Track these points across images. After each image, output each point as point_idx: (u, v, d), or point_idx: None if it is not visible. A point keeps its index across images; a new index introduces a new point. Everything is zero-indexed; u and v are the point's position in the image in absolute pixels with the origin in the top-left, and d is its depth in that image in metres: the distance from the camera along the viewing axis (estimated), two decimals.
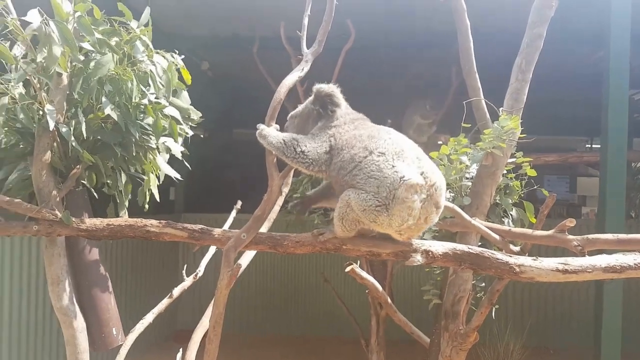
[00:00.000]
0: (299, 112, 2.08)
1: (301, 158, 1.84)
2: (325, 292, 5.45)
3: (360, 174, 1.75)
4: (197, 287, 2.62)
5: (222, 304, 1.89)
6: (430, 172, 1.77)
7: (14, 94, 1.95)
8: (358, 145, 1.79)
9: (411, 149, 1.80)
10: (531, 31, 2.51)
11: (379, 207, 1.69)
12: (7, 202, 1.96)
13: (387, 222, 1.70)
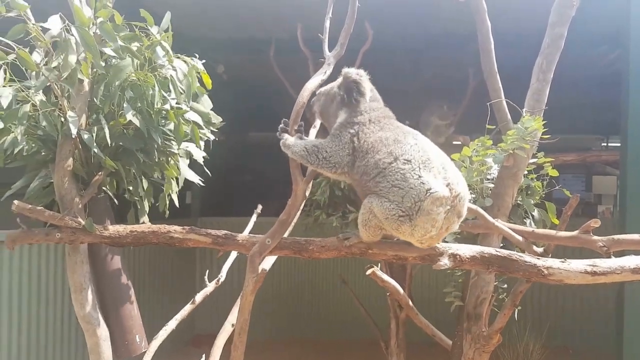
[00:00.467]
0: (325, 91, 2.03)
1: (324, 163, 1.81)
2: (343, 294, 5.42)
3: (383, 182, 1.72)
4: (215, 291, 2.61)
5: (247, 310, 1.88)
6: (455, 183, 1.74)
7: (35, 101, 1.95)
8: (383, 150, 1.75)
9: (437, 156, 1.77)
10: (552, 31, 2.48)
11: (402, 217, 1.67)
12: (30, 210, 1.97)
13: (409, 231, 1.69)
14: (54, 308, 4.29)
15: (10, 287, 3.85)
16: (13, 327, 3.92)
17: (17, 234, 2.03)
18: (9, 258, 3.86)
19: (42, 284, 4.22)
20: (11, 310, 3.90)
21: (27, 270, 4.03)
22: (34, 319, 4.11)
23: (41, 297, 4.19)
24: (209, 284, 2.55)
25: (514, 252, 1.69)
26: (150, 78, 2.00)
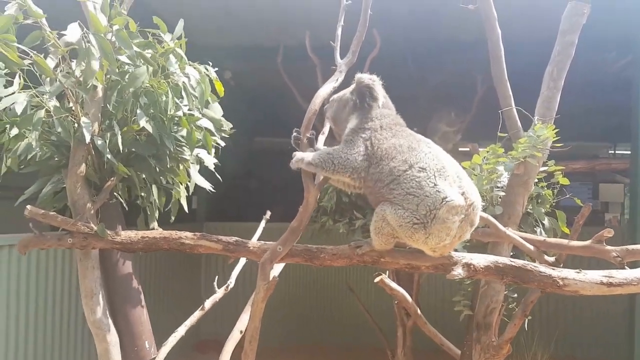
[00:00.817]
0: (338, 97, 2.02)
1: (340, 168, 1.80)
2: (350, 300, 5.40)
3: (397, 189, 1.71)
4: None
5: (257, 317, 1.88)
6: (469, 192, 1.74)
7: (49, 107, 1.96)
8: (398, 157, 1.75)
9: (451, 165, 1.77)
10: (562, 39, 2.48)
11: (417, 224, 1.66)
12: (43, 215, 1.97)
13: (423, 239, 1.68)
14: (67, 313, 4.30)
15: (20, 291, 3.85)
16: (23, 331, 3.92)
17: (30, 238, 2.03)
18: (20, 262, 3.87)
19: (54, 288, 4.23)
20: (21, 314, 3.90)
21: (35, 275, 4.04)
22: (45, 323, 4.12)
23: (54, 301, 4.20)
24: (218, 290, 2.55)
25: (528, 263, 1.68)
26: (163, 85, 2.01)
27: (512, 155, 2.33)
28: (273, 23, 4.03)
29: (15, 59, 1.70)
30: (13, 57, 1.69)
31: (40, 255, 4.06)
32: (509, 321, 2.84)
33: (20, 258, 3.80)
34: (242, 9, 3.83)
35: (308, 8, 3.72)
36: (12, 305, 3.78)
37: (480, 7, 2.41)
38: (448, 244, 1.69)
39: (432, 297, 5.80)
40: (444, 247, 1.71)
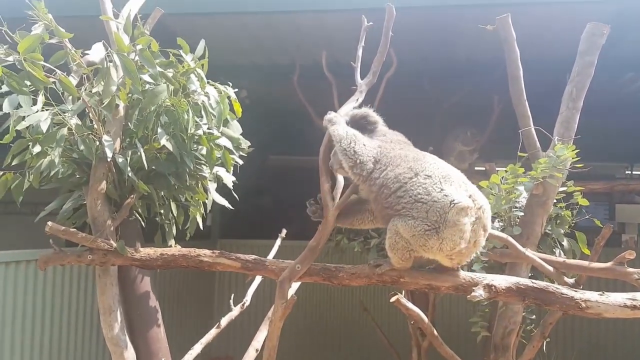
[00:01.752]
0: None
1: (351, 155, 1.81)
2: (363, 319, 5.35)
3: (405, 197, 1.71)
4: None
5: (275, 336, 1.87)
6: (476, 195, 1.75)
7: (70, 125, 2.00)
8: (403, 165, 1.77)
9: (456, 173, 1.79)
10: (582, 59, 2.47)
11: (429, 231, 1.66)
12: (63, 232, 1.99)
13: (437, 246, 1.66)
14: (85, 329, 4.33)
15: (39, 306, 3.88)
16: (39, 345, 3.94)
17: (50, 254, 2.06)
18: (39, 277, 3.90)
19: (72, 304, 4.26)
20: (39, 329, 3.93)
21: (54, 290, 4.07)
22: (62, 339, 4.14)
23: (72, 317, 4.23)
24: (234, 308, 2.54)
25: (550, 284, 1.65)
26: (183, 104, 2.04)
27: (531, 175, 2.31)
28: (289, 42, 4.07)
29: (42, 78, 1.74)
30: (40, 75, 1.73)
31: (58, 271, 4.09)
32: (526, 343, 2.80)
33: (39, 273, 3.84)
34: (259, 27, 3.88)
35: (324, 27, 3.76)
36: (31, 320, 3.81)
37: (498, 28, 2.42)
38: (464, 250, 1.68)
39: (447, 318, 5.73)
40: (461, 254, 1.69)
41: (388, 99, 3.87)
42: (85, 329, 4.38)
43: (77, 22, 2.56)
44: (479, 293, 1.62)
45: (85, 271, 4.35)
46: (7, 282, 3.59)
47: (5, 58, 1.71)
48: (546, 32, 3.51)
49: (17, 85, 1.74)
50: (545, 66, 3.63)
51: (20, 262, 3.70)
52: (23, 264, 3.72)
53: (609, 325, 5.86)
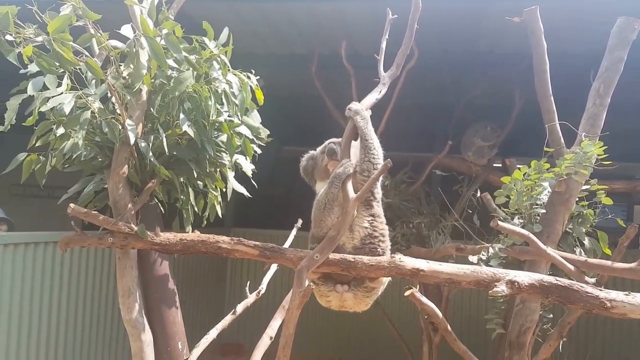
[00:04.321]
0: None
1: (375, 156, 1.93)
2: (373, 312, 5.34)
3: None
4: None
5: (292, 324, 1.87)
6: None
7: (94, 109, 2.00)
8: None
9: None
10: (611, 55, 2.42)
11: None
12: (85, 214, 2.01)
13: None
14: (104, 310, 4.41)
15: (55, 286, 3.94)
16: (54, 325, 4.00)
17: (71, 236, 2.07)
18: (61, 258, 3.96)
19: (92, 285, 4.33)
20: (61, 310, 3.99)
21: (75, 271, 4.13)
22: (84, 320, 4.22)
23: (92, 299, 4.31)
24: (250, 295, 2.55)
25: (574, 282, 1.63)
26: (205, 90, 2.03)
27: (555, 171, 2.28)
28: (308, 32, 4.04)
29: (71, 58, 1.74)
30: (68, 56, 1.73)
31: (76, 253, 4.15)
32: (542, 341, 2.77)
33: (58, 254, 3.90)
34: (278, 17, 3.86)
35: (344, 17, 3.72)
36: (48, 300, 3.86)
37: (525, 20, 2.38)
38: None
39: (459, 313, 5.70)
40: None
41: (407, 92, 3.84)
42: (104, 311, 4.45)
43: (99, 6, 2.56)
44: (502, 289, 1.60)
45: (102, 254, 4.41)
46: (26, 263, 3.64)
47: (35, 38, 1.71)
48: (575, 26, 3.43)
49: (46, 65, 1.74)
50: (571, 61, 3.56)
51: (39, 243, 3.76)
52: (42, 245, 3.78)
53: (622, 329, 5.80)
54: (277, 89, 5.11)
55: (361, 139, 1.95)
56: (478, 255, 2.81)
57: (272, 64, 4.65)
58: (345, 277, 1.99)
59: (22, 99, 1.87)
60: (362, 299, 2.01)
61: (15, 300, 3.54)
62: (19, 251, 3.57)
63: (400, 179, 4.40)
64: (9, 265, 3.49)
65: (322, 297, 2.04)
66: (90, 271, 4.29)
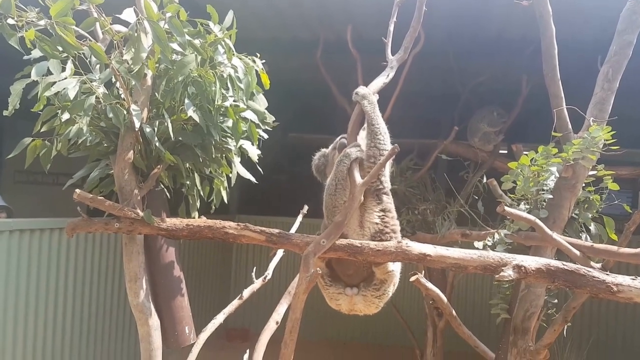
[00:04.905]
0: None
1: (382, 136, 1.91)
2: None
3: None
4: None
5: (299, 309, 1.88)
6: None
7: (98, 94, 1.99)
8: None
9: None
10: (620, 38, 2.39)
11: None
12: (91, 199, 2.01)
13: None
14: (111, 295, 4.44)
15: (60, 272, 3.97)
16: (60, 310, 4.03)
17: (78, 222, 2.07)
18: (67, 244, 3.99)
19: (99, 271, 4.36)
20: (68, 295, 4.02)
21: (80, 257, 4.15)
22: (90, 305, 4.26)
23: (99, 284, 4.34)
24: (256, 280, 2.56)
25: (581, 267, 1.62)
26: (210, 75, 2.02)
27: (563, 157, 2.26)
28: (313, 16, 4.00)
29: (74, 42, 1.72)
30: (71, 40, 1.71)
31: (85, 240, 4.18)
32: (547, 326, 2.78)
33: (63, 241, 3.92)
34: (282, 1, 3.82)
35: (349, 1, 3.68)
36: (54, 286, 3.90)
37: (534, 3, 2.35)
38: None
39: (463, 299, 5.73)
40: None
41: (414, 77, 3.81)
42: (110, 296, 4.49)
43: None
44: (508, 273, 1.60)
45: (108, 241, 4.44)
46: (32, 249, 3.67)
47: (37, 22, 1.69)
48: (583, 9, 3.38)
49: (49, 50, 1.73)
50: (579, 45, 3.52)
51: (45, 230, 3.78)
52: (47, 231, 3.80)
53: (626, 314, 5.82)
54: (281, 75, 5.08)
55: (368, 123, 1.93)
56: (483, 241, 2.81)
57: (277, 50, 4.62)
58: (353, 280, 1.99)
59: (25, 83, 1.86)
60: (372, 300, 2.00)
61: (21, 287, 3.58)
62: (24, 238, 3.59)
63: (406, 165, 4.39)
64: (15, 251, 3.52)
65: (332, 300, 2.03)
66: (96, 257, 4.32)
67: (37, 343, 3.75)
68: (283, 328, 2.01)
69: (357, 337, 6.27)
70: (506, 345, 2.80)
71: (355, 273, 1.99)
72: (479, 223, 3.21)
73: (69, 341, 4.05)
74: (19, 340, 3.58)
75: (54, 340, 3.91)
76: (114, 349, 4.58)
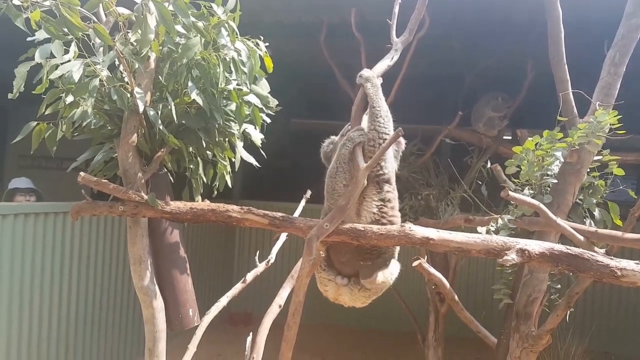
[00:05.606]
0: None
1: (383, 119, 1.89)
2: None
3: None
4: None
5: (302, 292, 1.89)
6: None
7: (102, 76, 1.98)
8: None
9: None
10: (628, 22, 2.36)
11: None
12: (95, 182, 2.01)
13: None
14: (116, 278, 4.48)
15: (67, 257, 3.99)
16: (66, 292, 4.07)
17: (82, 204, 2.08)
18: (72, 228, 4.01)
19: (104, 254, 4.38)
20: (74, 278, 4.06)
21: (85, 241, 4.18)
22: (95, 287, 4.29)
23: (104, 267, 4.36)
24: (260, 264, 2.57)
25: (585, 251, 1.62)
26: (214, 58, 2.01)
27: (568, 141, 2.25)
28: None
29: (79, 24, 1.71)
30: (76, 21, 1.70)
31: (90, 223, 4.20)
32: (549, 312, 2.79)
33: (68, 225, 3.94)
34: None
35: None
36: (59, 269, 3.93)
37: None
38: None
39: (465, 284, 5.75)
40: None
41: (418, 62, 3.78)
42: (114, 279, 4.53)
43: None
44: (512, 257, 1.60)
45: (112, 224, 4.46)
46: (37, 233, 3.69)
47: (43, 2, 1.68)
48: None
49: (54, 31, 1.72)
50: (586, 27, 3.47)
51: (49, 213, 3.80)
52: (52, 215, 3.82)
53: (629, 302, 5.83)
54: (284, 59, 5.04)
55: (370, 106, 1.91)
56: (487, 226, 2.81)
57: (280, 33, 4.58)
58: (346, 269, 1.99)
59: (30, 66, 1.85)
60: (358, 296, 2.01)
61: (26, 270, 3.61)
62: (29, 221, 3.61)
63: (409, 150, 4.38)
64: (20, 235, 3.54)
65: (321, 285, 2.03)
66: (100, 241, 4.35)
67: (43, 326, 3.79)
68: (285, 312, 2.02)
69: (358, 322, 6.31)
70: (508, 330, 2.81)
71: (348, 262, 1.98)
72: (482, 208, 3.21)
73: (73, 324, 4.09)
74: (24, 323, 3.62)
75: (59, 324, 3.95)
76: (118, 331, 4.63)
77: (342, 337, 6.20)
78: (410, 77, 3.82)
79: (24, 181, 4.28)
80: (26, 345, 3.62)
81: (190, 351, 2.32)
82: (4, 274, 3.42)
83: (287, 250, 4.05)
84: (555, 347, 4.65)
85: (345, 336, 6.23)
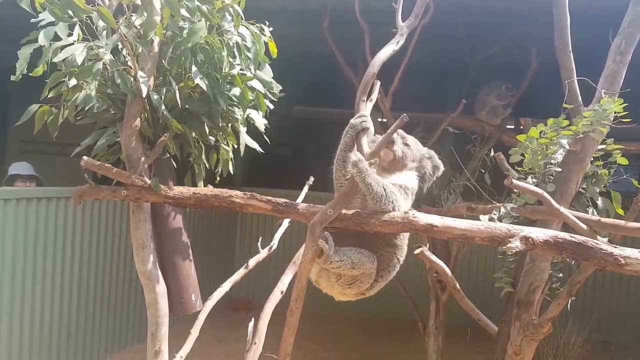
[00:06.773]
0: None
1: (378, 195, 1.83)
2: None
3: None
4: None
5: (305, 278, 1.89)
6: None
7: (105, 60, 1.97)
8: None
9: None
10: (634, 9, 2.34)
11: None
12: (98, 166, 2.01)
13: None
14: (118, 263, 4.49)
15: (68, 241, 4.01)
16: (68, 277, 4.09)
17: (85, 189, 2.08)
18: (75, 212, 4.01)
19: (106, 239, 4.39)
20: (76, 262, 4.07)
21: (89, 225, 4.19)
22: (97, 272, 4.30)
23: (107, 251, 4.37)
24: (262, 250, 2.58)
25: (589, 239, 1.62)
26: (218, 42, 1.99)
27: (573, 129, 2.24)
28: None
29: (83, 6, 1.70)
30: (81, 3, 1.69)
31: (92, 208, 4.20)
32: (551, 300, 2.80)
33: (70, 209, 3.95)
34: None
35: None
36: (61, 253, 3.94)
37: None
38: None
39: (466, 272, 5.77)
40: None
41: (422, 49, 3.75)
42: (116, 264, 4.55)
43: None
44: (516, 244, 1.60)
45: (114, 209, 4.46)
46: (39, 218, 3.70)
47: None
48: None
49: (59, 13, 1.70)
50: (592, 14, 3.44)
51: (52, 198, 3.80)
52: (54, 200, 3.82)
53: (630, 291, 5.85)
54: (287, 45, 5.01)
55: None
56: (489, 214, 2.81)
57: (283, 20, 4.54)
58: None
59: (33, 48, 1.84)
60: (332, 282, 2.02)
61: (28, 255, 3.62)
62: (31, 206, 3.62)
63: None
64: (22, 219, 3.55)
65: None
66: (102, 226, 4.36)
67: (45, 311, 3.81)
68: (287, 299, 2.03)
69: (359, 309, 6.34)
70: (509, 318, 2.82)
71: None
72: (485, 197, 3.21)
73: (75, 308, 4.11)
74: (26, 308, 3.64)
75: (61, 308, 3.98)
76: (121, 315, 4.66)
77: (342, 325, 6.24)
78: (414, 65, 3.80)
79: (24, 166, 4.27)
80: (28, 330, 3.65)
81: (193, 336, 2.33)
82: (6, 258, 3.43)
83: (289, 236, 4.06)
84: (555, 336, 4.68)
85: (346, 324, 6.26)
